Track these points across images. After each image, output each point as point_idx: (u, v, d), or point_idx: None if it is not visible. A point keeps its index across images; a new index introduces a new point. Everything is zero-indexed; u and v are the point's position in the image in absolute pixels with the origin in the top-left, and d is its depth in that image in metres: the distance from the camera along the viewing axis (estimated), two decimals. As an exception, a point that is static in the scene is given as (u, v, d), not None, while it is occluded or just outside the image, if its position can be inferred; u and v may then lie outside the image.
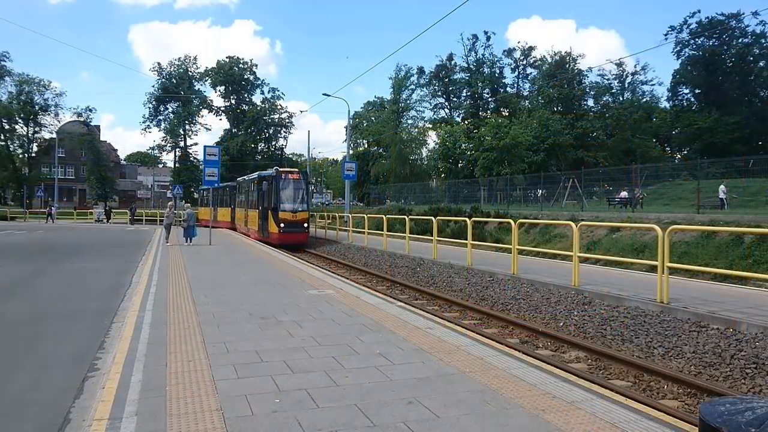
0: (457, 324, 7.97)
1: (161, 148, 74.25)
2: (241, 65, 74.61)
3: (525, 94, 63.96)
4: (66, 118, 66.96)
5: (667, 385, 6.26)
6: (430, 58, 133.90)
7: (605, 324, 8.36)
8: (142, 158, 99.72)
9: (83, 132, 66.53)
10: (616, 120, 54.26)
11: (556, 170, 44.23)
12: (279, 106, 75.86)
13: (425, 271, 14.58)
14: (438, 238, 15.89)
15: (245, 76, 75.02)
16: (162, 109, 72.58)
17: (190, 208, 24.09)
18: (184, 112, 70.94)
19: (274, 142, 77.50)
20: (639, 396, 5.68)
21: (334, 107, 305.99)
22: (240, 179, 32.56)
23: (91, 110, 67.56)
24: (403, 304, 8.91)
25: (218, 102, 75.58)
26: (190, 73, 73.14)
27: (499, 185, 39.14)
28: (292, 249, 20.92)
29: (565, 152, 50.84)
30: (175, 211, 25.42)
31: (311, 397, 4.15)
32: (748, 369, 6.28)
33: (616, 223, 16.71)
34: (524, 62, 64.32)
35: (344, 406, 3.96)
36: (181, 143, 73.01)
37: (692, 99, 57.48)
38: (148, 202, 77.23)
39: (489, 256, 16.42)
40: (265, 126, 75.15)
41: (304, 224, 23.34)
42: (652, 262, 8.91)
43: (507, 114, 59.56)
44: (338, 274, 13.68)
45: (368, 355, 5.35)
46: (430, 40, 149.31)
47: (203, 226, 27.17)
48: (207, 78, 74.08)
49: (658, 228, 8.39)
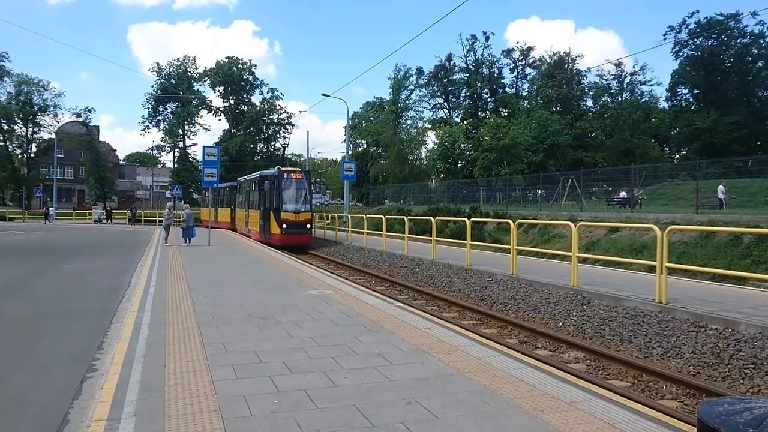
0: (456, 324, 7.97)
1: (160, 148, 74.46)
2: (240, 65, 74.70)
3: (524, 94, 64.08)
4: (65, 118, 67.06)
5: (666, 386, 6.27)
6: (429, 58, 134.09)
7: (604, 324, 8.37)
8: (141, 159, 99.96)
9: (82, 132, 66.56)
10: (615, 120, 54.34)
11: (555, 170, 44.25)
12: (278, 107, 76.02)
13: (424, 272, 14.58)
14: (437, 239, 15.89)
15: (244, 77, 75.11)
16: (161, 109, 72.69)
17: (188, 208, 24.08)
18: (183, 112, 70.98)
19: (273, 143, 77.58)
20: (638, 396, 5.68)
21: (333, 107, 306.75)
22: (241, 179, 32.04)
23: (90, 111, 67.82)
24: (402, 304, 8.91)
25: (217, 102, 75.84)
26: (189, 74, 73.21)
27: (498, 185, 39.16)
28: (294, 251, 20.54)
29: (564, 152, 50.90)
30: (174, 212, 25.44)
31: (310, 397, 4.14)
32: (746, 369, 6.28)
33: (615, 224, 16.74)
34: (523, 62, 64.48)
35: (343, 406, 3.96)
36: (180, 144, 73.11)
37: (691, 99, 57.58)
38: (147, 203, 77.19)
39: (488, 256, 16.42)
40: (265, 126, 75.18)
41: (307, 225, 22.76)
42: (651, 263, 8.92)
43: (506, 114, 59.66)
44: (337, 275, 13.67)
45: (367, 356, 5.34)
46: (429, 40, 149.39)
47: (203, 227, 27.08)
48: (206, 78, 74.22)
49: (656, 228, 8.40)
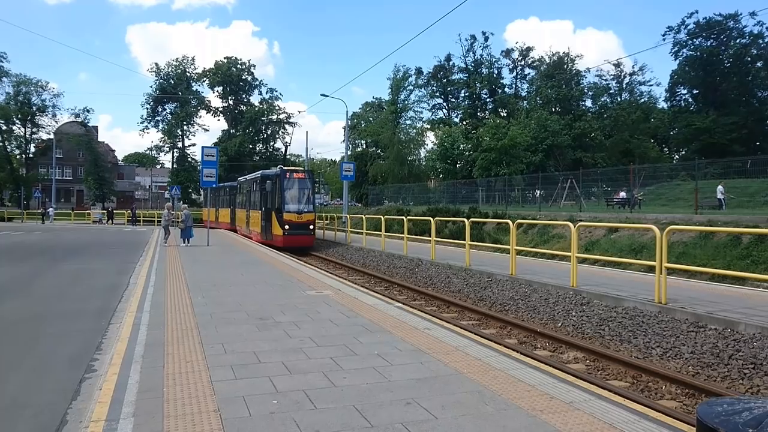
0: (456, 324, 7.96)
1: (159, 148, 74.36)
2: (239, 66, 74.65)
3: (523, 94, 64.09)
4: (63, 118, 67.11)
5: (665, 386, 6.26)
6: (428, 58, 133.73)
7: (603, 324, 8.36)
8: (140, 159, 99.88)
9: (81, 133, 66.56)
10: (615, 120, 54.36)
11: (554, 171, 44.26)
12: (277, 107, 75.99)
13: (423, 272, 14.57)
14: (436, 239, 15.89)
15: (243, 77, 75.08)
16: (160, 109, 72.60)
17: (186, 208, 24.05)
18: (182, 112, 70.94)
19: (272, 143, 77.53)
20: (637, 396, 5.68)
21: (333, 108, 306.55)
22: (241, 179, 31.51)
23: (88, 111, 67.62)
24: (401, 304, 8.91)
25: (216, 103, 75.76)
26: (188, 74, 73.12)
27: (498, 186, 39.16)
28: (296, 252, 20.02)
29: (563, 153, 50.91)
30: (173, 212, 25.42)
31: (309, 398, 4.14)
32: (746, 369, 6.28)
33: (615, 224, 16.74)
34: (522, 63, 64.48)
35: (342, 407, 3.95)
36: (179, 144, 73.05)
37: (690, 99, 57.60)
38: (145, 203, 77.16)
39: (487, 256, 16.41)
40: (264, 127, 75.15)
41: (310, 226, 22.08)
42: (651, 263, 8.93)
43: (505, 114, 59.68)
44: (336, 275, 13.67)
45: (366, 356, 5.34)
46: (428, 40, 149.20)
47: (202, 227, 27.03)
48: (205, 79, 74.12)
49: (656, 228, 8.40)
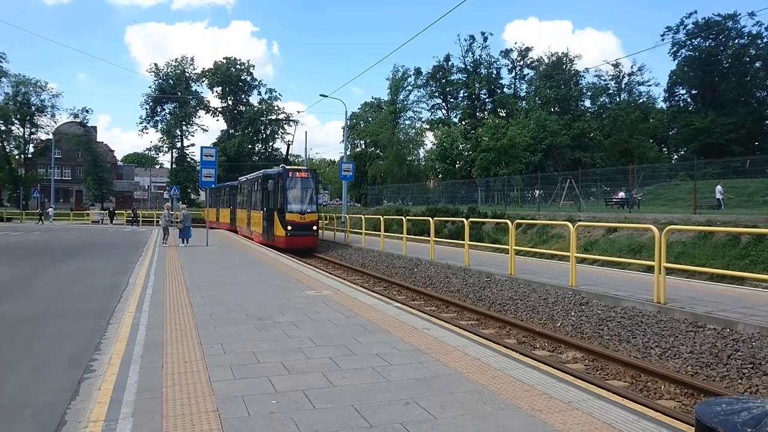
0: (455, 324, 7.96)
1: (158, 149, 74.42)
2: (238, 66, 74.67)
3: (522, 94, 64.05)
4: (62, 119, 67.06)
5: (664, 386, 6.27)
6: (427, 59, 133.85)
7: (602, 324, 8.37)
8: (139, 159, 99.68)
9: (80, 133, 66.52)
10: (613, 121, 54.41)
11: (553, 171, 44.28)
12: (276, 107, 76.00)
13: (422, 272, 14.58)
14: (435, 239, 15.89)
15: (242, 77, 75.12)
16: (159, 110, 72.64)
17: (185, 209, 24.01)
18: (181, 113, 70.94)
19: (271, 143, 77.53)
20: (636, 396, 5.68)
21: (332, 108, 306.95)
22: (242, 178, 30.95)
23: (87, 111, 67.56)
24: (400, 304, 8.90)
25: (215, 103, 75.79)
26: (187, 74, 73.17)
27: (497, 186, 39.19)
28: (299, 254, 19.50)
29: (562, 153, 50.94)
30: (172, 212, 25.40)
31: (308, 398, 4.13)
32: (744, 369, 6.29)
33: (614, 224, 16.76)
34: (521, 63, 64.43)
35: (341, 407, 3.95)
36: (178, 144, 73.06)
37: (689, 100, 57.65)
38: (144, 203, 77.11)
39: (486, 256, 16.42)
40: (263, 127, 75.15)
41: (313, 227, 21.44)
42: (649, 263, 8.93)
43: (504, 115, 59.68)
44: (335, 275, 13.66)
45: (365, 356, 5.33)
46: (427, 41, 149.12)
47: (201, 227, 26.98)
48: (204, 79, 74.13)
49: (655, 228, 8.40)
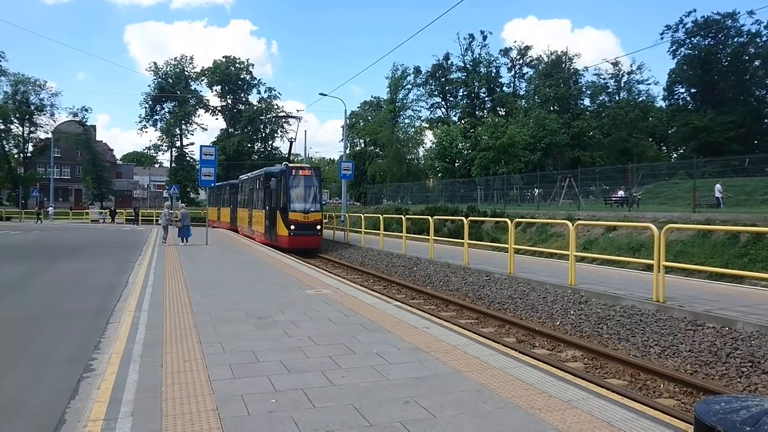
0: (454, 323, 7.97)
1: (157, 147, 74.43)
2: (237, 65, 74.68)
3: (521, 93, 64.08)
4: (62, 118, 66.87)
5: (663, 384, 6.27)
6: (426, 57, 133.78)
7: (601, 323, 8.37)
8: (138, 158, 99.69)
9: (79, 132, 66.38)
10: (613, 119, 54.45)
11: (552, 169, 44.31)
12: (275, 106, 75.96)
13: (422, 271, 14.58)
14: (435, 238, 15.89)
15: (241, 76, 75.14)
16: (158, 108, 72.62)
17: (184, 208, 23.98)
18: (180, 111, 70.90)
19: (271, 142, 77.53)
20: (635, 395, 5.69)
21: (331, 107, 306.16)
22: (243, 177, 30.50)
23: (86, 110, 67.41)
24: (399, 303, 8.90)
25: (215, 102, 75.83)
26: (187, 73, 73.15)
27: (496, 185, 39.20)
28: (302, 254, 19.11)
29: (561, 151, 50.96)
30: (173, 211, 25.38)
31: (307, 397, 4.13)
32: (743, 367, 6.30)
33: (613, 222, 16.77)
34: (520, 62, 64.49)
35: (341, 405, 3.96)
36: (178, 143, 73.03)
37: (688, 98, 57.69)
38: (144, 202, 77.04)
39: (485, 255, 16.41)
40: (262, 125, 75.15)
41: (316, 226, 20.87)
42: (649, 261, 8.93)
43: (503, 113, 59.70)
44: (335, 274, 13.66)
45: (365, 355, 5.34)
46: (426, 39, 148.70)
47: (201, 225, 26.93)
48: (203, 78, 74.18)
49: (654, 227, 8.41)
